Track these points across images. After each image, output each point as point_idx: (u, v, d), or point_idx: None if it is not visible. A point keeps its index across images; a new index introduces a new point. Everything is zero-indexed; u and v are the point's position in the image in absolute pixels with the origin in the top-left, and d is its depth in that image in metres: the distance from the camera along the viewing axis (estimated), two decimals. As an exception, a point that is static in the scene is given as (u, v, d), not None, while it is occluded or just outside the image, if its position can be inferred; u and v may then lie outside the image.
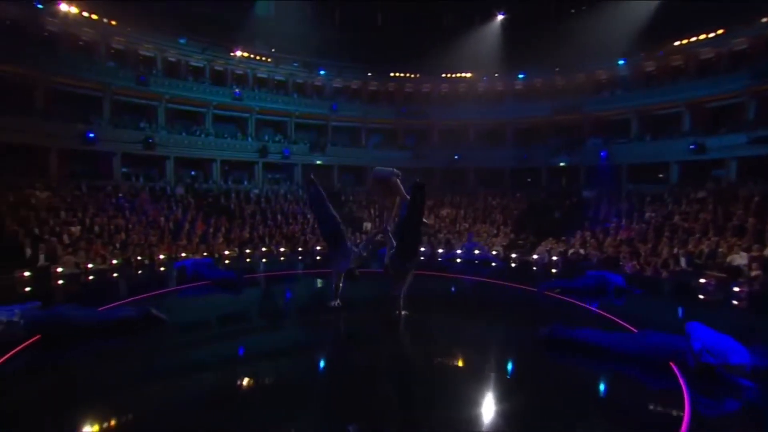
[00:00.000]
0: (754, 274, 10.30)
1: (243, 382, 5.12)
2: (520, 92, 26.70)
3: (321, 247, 15.86)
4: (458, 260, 13.90)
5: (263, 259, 14.58)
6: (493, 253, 14.54)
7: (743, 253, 11.20)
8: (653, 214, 16.42)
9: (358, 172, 26.68)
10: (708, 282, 9.95)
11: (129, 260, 13.10)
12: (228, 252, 15.21)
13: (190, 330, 7.19)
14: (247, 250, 15.45)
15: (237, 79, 24.18)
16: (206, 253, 14.35)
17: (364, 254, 8.62)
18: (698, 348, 4.73)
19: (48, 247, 13.16)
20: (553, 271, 12.59)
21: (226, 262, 13.82)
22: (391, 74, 27.62)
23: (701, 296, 9.41)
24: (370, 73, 27.37)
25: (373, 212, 21.10)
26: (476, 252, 14.03)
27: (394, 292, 7.69)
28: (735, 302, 9.14)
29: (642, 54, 22.77)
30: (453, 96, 27.77)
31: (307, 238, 17.88)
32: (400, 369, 5.67)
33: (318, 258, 14.42)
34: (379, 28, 27.09)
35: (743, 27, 19.31)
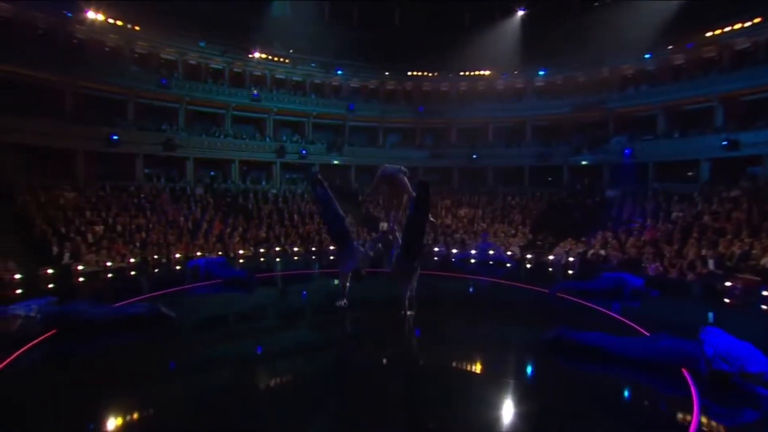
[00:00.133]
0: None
1: (247, 381, 5.13)
2: (541, 89, 26.12)
3: (334, 247, 15.89)
4: (472, 260, 13.67)
5: (277, 259, 14.71)
6: (508, 253, 14.22)
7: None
8: (681, 214, 15.83)
9: (376, 172, 26.41)
10: (734, 285, 9.41)
11: (146, 259, 13.43)
12: (242, 251, 15.39)
13: (196, 328, 7.30)
14: (261, 250, 15.61)
15: (255, 80, 24.49)
16: (221, 253, 14.56)
17: (371, 254, 8.60)
18: (711, 354, 4.47)
19: (73, 246, 13.66)
20: (570, 272, 12.23)
21: (240, 261, 14.01)
22: (409, 73, 27.45)
23: (727, 300, 8.92)
24: (387, 73, 27.28)
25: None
26: (491, 252, 13.75)
27: (399, 292, 7.63)
28: (765, 307, 8.62)
29: (670, 47, 21.86)
30: (472, 94, 27.36)
31: (323, 237, 17.95)
32: (401, 370, 5.61)
33: (331, 258, 14.45)
34: (396, 27, 26.97)
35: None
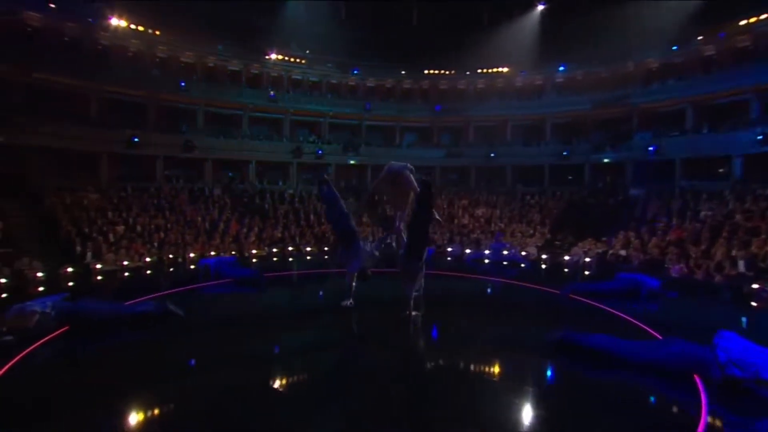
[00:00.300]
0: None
1: (250, 380, 5.14)
2: (561, 85, 25.44)
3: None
4: (486, 261, 13.39)
5: (289, 259, 14.78)
6: (523, 253, 13.85)
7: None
8: (710, 213, 15.07)
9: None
10: (762, 288, 8.86)
11: (161, 258, 13.70)
12: (256, 251, 15.53)
13: (203, 326, 7.35)
14: (274, 249, 15.71)
15: (272, 81, 24.72)
16: (234, 252, 14.73)
17: (377, 254, 8.50)
18: (724, 359, 4.19)
19: (94, 246, 14.09)
20: (586, 273, 11.82)
21: (254, 260, 14.14)
22: (426, 72, 27.20)
23: (753, 303, 8.41)
24: (404, 72, 27.09)
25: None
26: (504, 252, 13.43)
27: (404, 292, 7.54)
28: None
29: (699, 37, 20.87)
30: (489, 92, 26.89)
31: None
32: (403, 371, 5.57)
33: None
34: (413, 25, 26.75)
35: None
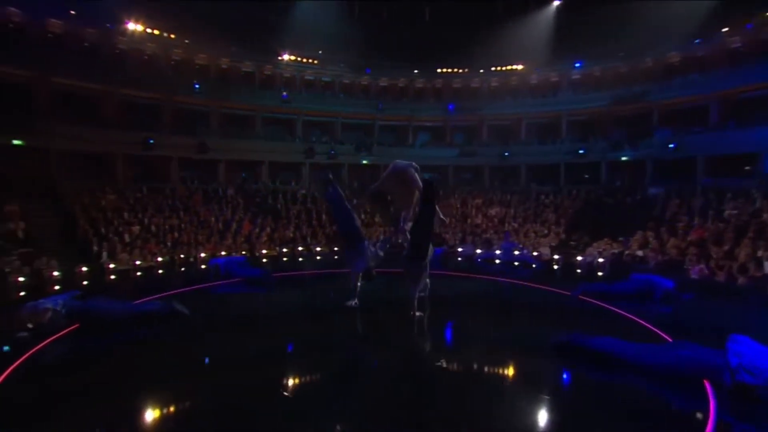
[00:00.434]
0: None
1: (251, 380, 5.13)
2: (577, 82, 24.92)
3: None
4: (497, 261, 13.15)
5: (299, 259, 14.81)
6: (534, 254, 13.54)
7: None
8: (735, 212, 14.47)
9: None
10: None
11: (173, 258, 13.88)
12: (266, 251, 15.59)
13: (208, 325, 7.37)
14: (284, 249, 15.75)
15: (285, 82, 24.88)
16: (244, 252, 14.82)
17: (381, 254, 8.42)
18: (736, 364, 3.94)
19: (109, 246, 14.38)
20: (599, 274, 11.48)
21: (264, 260, 14.19)
22: (438, 70, 26.97)
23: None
24: (416, 71, 26.92)
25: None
26: (515, 253, 13.16)
27: (408, 293, 7.46)
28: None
29: (724, 29, 20.06)
30: (504, 90, 26.53)
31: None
32: (405, 372, 5.52)
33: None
34: (426, 23, 26.53)
35: None
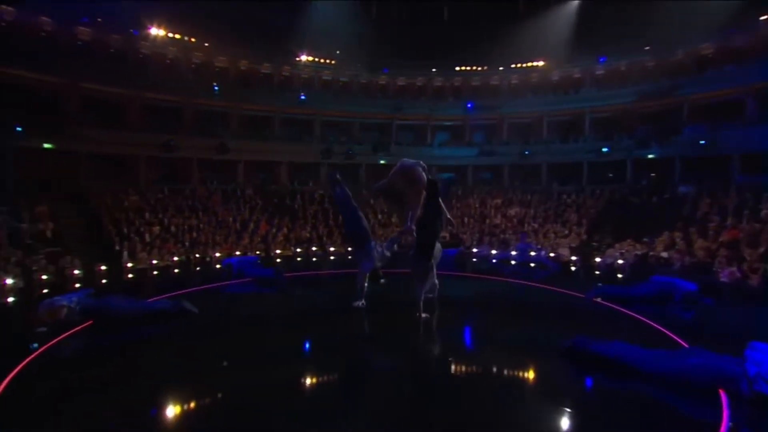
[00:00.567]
0: None
1: (255, 379, 5.15)
2: (601, 78, 24.08)
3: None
4: (512, 262, 12.81)
5: (313, 259, 14.82)
6: (552, 255, 13.10)
7: None
8: (774, 212, 13.67)
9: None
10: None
11: (189, 258, 14.11)
12: (280, 251, 15.65)
13: (216, 324, 7.42)
14: (298, 249, 15.79)
15: (303, 83, 25.04)
16: (258, 252, 14.93)
17: (388, 254, 8.32)
18: (754, 373, 3.65)
19: (130, 245, 14.76)
20: (619, 276, 11.00)
21: (278, 260, 14.26)
22: (457, 68, 26.53)
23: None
24: (434, 69, 26.58)
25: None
26: (531, 254, 12.77)
27: (415, 293, 7.33)
28: None
29: (763, 17, 18.86)
30: (524, 87, 25.90)
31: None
32: (411, 374, 5.50)
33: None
34: (444, 21, 26.21)
35: None
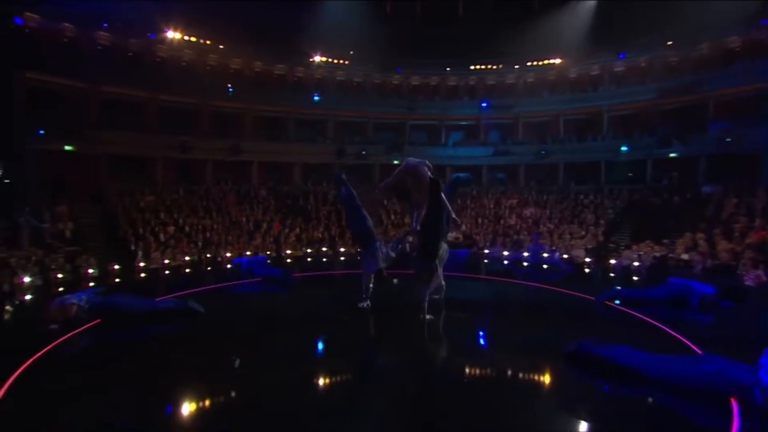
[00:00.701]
0: None
1: (258, 379, 5.11)
2: (620, 75, 23.42)
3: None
4: (525, 264, 12.52)
5: (323, 259, 14.79)
6: (565, 256, 12.73)
7: None
8: (803, 212, 13.10)
9: (437, 171, 25.66)
10: None
11: (200, 257, 14.26)
12: (291, 251, 15.68)
13: (222, 324, 7.41)
14: (309, 250, 15.79)
15: (316, 83, 25.09)
16: (268, 252, 14.99)
17: (393, 255, 8.21)
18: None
19: (145, 245, 15.02)
20: (635, 278, 10.61)
21: (288, 260, 14.28)
22: (472, 67, 26.16)
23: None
24: (448, 68, 26.28)
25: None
26: (544, 255, 12.45)
27: (419, 294, 7.21)
28: None
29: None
30: (540, 85, 25.41)
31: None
32: (408, 375, 5.40)
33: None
34: (459, 19, 25.89)
35: None
